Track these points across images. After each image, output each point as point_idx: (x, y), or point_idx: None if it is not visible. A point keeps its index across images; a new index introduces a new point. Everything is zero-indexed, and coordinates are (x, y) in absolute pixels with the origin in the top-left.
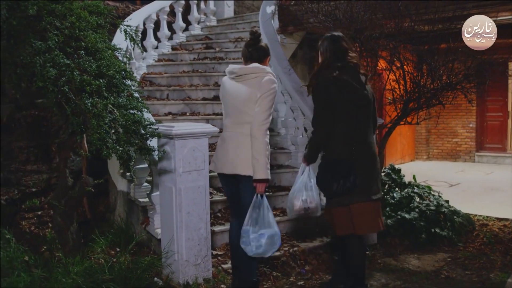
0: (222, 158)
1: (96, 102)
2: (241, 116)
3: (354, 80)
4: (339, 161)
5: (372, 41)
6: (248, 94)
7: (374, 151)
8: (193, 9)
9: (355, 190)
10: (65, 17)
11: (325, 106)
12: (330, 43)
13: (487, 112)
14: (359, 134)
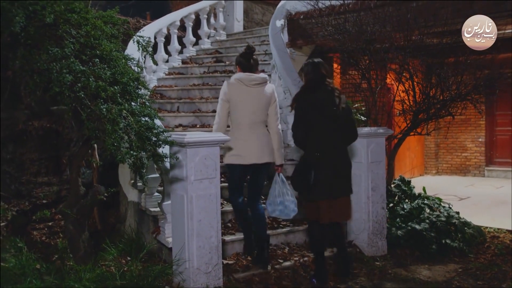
0: (250, 151)
1: (111, 107)
2: (261, 116)
3: (328, 100)
4: (305, 163)
5: (381, 53)
6: (268, 99)
7: (344, 157)
8: (203, 24)
9: (316, 188)
10: (81, 26)
11: (300, 119)
12: (312, 68)
13: (496, 127)
14: (326, 143)
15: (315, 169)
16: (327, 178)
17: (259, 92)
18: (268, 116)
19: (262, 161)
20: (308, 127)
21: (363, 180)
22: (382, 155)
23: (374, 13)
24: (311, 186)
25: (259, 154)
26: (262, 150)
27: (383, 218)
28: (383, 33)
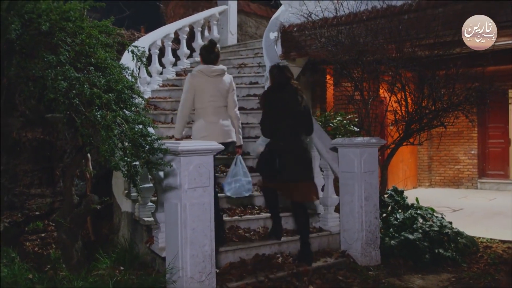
0: (216, 133)
1: (106, 114)
2: (222, 101)
3: (292, 99)
4: (270, 151)
5: (374, 65)
6: (227, 87)
7: (304, 148)
8: (197, 37)
9: (280, 173)
10: (76, 34)
11: (268, 114)
12: (278, 71)
13: (488, 139)
14: (289, 134)
15: (279, 157)
16: (289, 164)
17: (219, 81)
18: (228, 102)
19: (228, 140)
20: (274, 120)
21: (356, 189)
22: (375, 165)
23: (367, 25)
24: (276, 171)
25: (225, 134)
26: (228, 130)
27: (377, 227)
28: (375, 44)
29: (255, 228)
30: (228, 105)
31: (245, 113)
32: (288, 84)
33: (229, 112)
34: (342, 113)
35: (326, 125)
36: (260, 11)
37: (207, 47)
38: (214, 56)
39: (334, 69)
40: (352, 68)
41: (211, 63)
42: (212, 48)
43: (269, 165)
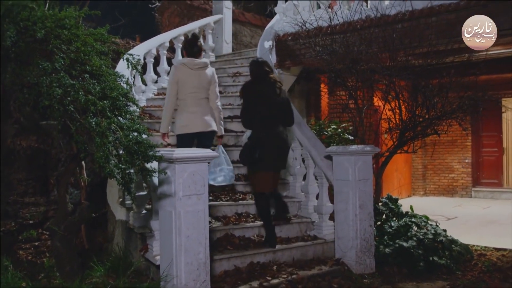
0: (196, 122)
1: (100, 121)
2: (203, 93)
3: (270, 91)
4: (252, 142)
5: (368, 73)
6: (208, 79)
7: (283, 139)
8: None
9: (261, 162)
10: (71, 42)
11: (246, 107)
12: (256, 66)
13: (482, 148)
14: (268, 126)
15: (260, 147)
16: (270, 154)
17: (201, 74)
18: (210, 94)
19: (208, 129)
20: (254, 112)
21: (350, 197)
22: (369, 172)
23: (361, 34)
24: (257, 160)
25: (205, 124)
26: (207, 120)
27: (371, 235)
28: (369, 53)
29: (250, 236)
30: (210, 97)
31: (240, 122)
32: (267, 77)
33: (211, 103)
34: (337, 122)
35: (320, 133)
36: (255, 20)
37: (190, 41)
38: (197, 49)
39: (329, 78)
40: (346, 76)
41: (193, 56)
42: (195, 42)
43: (250, 155)
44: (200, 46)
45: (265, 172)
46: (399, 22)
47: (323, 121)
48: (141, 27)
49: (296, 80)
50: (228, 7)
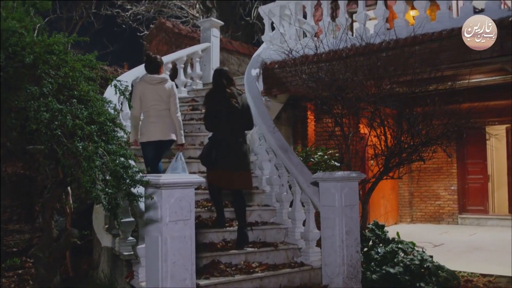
0: (156, 131)
1: (87, 145)
2: (163, 105)
3: (230, 98)
4: (210, 143)
5: (353, 101)
6: (167, 93)
7: (239, 141)
8: (180, 73)
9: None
10: (59, 67)
11: (209, 112)
12: (217, 75)
13: (468, 175)
14: (226, 129)
15: (217, 148)
16: (226, 155)
17: (159, 88)
18: (170, 107)
19: (166, 138)
20: (214, 117)
21: (337, 223)
22: (355, 199)
23: (346, 62)
24: (214, 160)
25: (164, 133)
26: (167, 130)
27: (358, 262)
28: (354, 81)
29: (236, 263)
30: (170, 109)
31: None
32: (228, 85)
33: (171, 115)
34: (323, 149)
35: (307, 160)
36: (242, 49)
37: (148, 60)
38: (153, 66)
39: (315, 105)
40: (332, 104)
41: (151, 72)
42: (152, 60)
43: (208, 156)
44: (156, 63)
45: (221, 171)
46: (384, 50)
47: (309, 148)
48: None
49: (283, 108)
50: (215, 36)
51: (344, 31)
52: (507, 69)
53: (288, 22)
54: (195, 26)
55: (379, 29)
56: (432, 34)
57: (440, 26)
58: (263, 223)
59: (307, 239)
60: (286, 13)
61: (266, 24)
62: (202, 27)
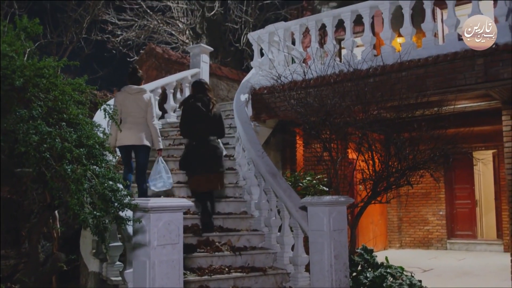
0: (130, 137)
1: (76, 168)
2: (141, 114)
3: (204, 106)
4: (186, 149)
5: (341, 126)
6: (145, 103)
7: (213, 146)
8: (169, 98)
9: (193, 166)
10: (49, 91)
11: (185, 118)
12: (195, 85)
13: (456, 200)
14: (200, 135)
15: (193, 153)
16: (200, 159)
17: (138, 98)
18: (147, 116)
19: (140, 143)
20: (189, 124)
21: (326, 248)
22: (344, 223)
23: (334, 88)
24: (190, 165)
25: (138, 139)
26: (140, 136)
27: (347, 286)
28: (342, 106)
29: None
30: (147, 117)
31: None
32: (203, 95)
33: (148, 122)
34: (312, 173)
35: (296, 185)
36: (232, 74)
37: (130, 73)
38: (136, 78)
39: (303, 130)
40: (320, 129)
41: (132, 83)
42: (133, 73)
43: (185, 160)
44: (138, 76)
45: (199, 175)
46: (371, 76)
47: (298, 173)
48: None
49: (271, 133)
50: (205, 61)
51: (332, 57)
52: (492, 95)
53: (277, 48)
54: (185, 52)
55: (367, 55)
56: (418, 61)
57: (426, 53)
58: (252, 248)
59: (296, 264)
60: (275, 40)
61: (255, 50)
62: (192, 53)
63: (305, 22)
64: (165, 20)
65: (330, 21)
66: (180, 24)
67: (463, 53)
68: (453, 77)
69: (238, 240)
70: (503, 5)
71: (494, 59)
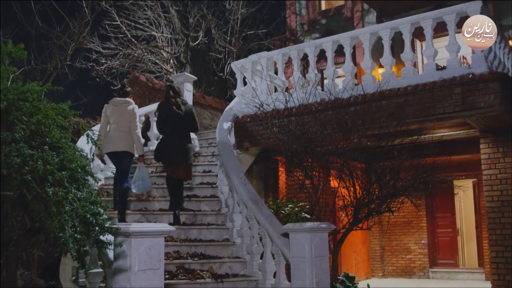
0: (115, 144)
1: (57, 190)
2: (125, 124)
3: (176, 107)
4: (160, 143)
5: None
6: (128, 114)
7: (183, 141)
8: (152, 126)
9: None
10: (32, 114)
11: (158, 118)
12: (167, 89)
13: (437, 228)
14: (172, 132)
15: (164, 147)
16: (172, 152)
17: (122, 109)
18: (130, 125)
19: (120, 149)
20: (162, 122)
21: (307, 274)
22: (325, 250)
23: (316, 116)
24: (164, 157)
25: (120, 145)
26: (121, 143)
27: None
28: (324, 134)
29: None
30: (130, 127)
31: (198, 201)
32: (175, 97)
33: (131, 132)
34: (294, 201)
35: (278, 212)
36: (215, 103)
37: (120, 86)
38: (122, 92)
39: (286, 157)
40: (302, 156)
41: (119, 96)
42: (121, 88)
43: (159, 153)
44: (125, 91)
45: (170, 165)
46: (352, 105)
47: (280, 200)
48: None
49: (254, 161)
50: (189, 90)
51: (314, 86)
52: (470, 124)
53: (260, 77)
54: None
55: (347, 84)
56: (398, 90)
57: (406, 82)
58: (234, 275)
59: None
60: (258, 69)
61: (238, 79)
62: (176, 82)
63: (288, 51)
64: (149, 49)
65: (312, 51)
66: (165, 53)
67: (441, 82)
68: (432, 106)
69: (220, 268)
70: None
71: (471, 89)
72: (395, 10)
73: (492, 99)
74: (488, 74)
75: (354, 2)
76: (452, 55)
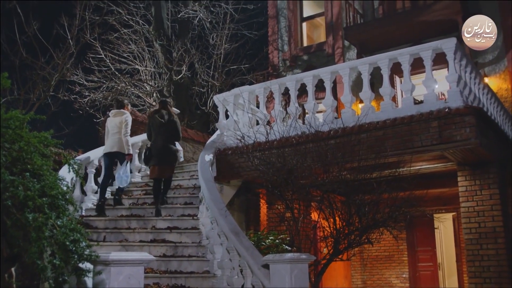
0: (107, 146)
1: (37, 216)
2: (118, 131)
3: (162, 117)
4: (149, 149)
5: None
6: (120, 122)
7: (167, 146)
8: (134, 159)
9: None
10: (14, 141)
11: (148, 127)
12: (159, 103)
13: (418, 262)
14: (159, 138)
15: (152, 151)
16: (157, 155)
17: (116, 119)
18: (121, 131)
19: (113, 150)
20: (150, 131)
21: None
22: (305, 281)
23: (296, 149)
24: (151, 159)
25: (112, 147)
26: (114, 146)
27: None
28: (304, 166)
29: None
30: (121, 132)
31: (179, 233)
32: (164, 110)
33: (122, 136)
34: (275, 233)
35: (259, 244)
36: (197, 137)
37: (115, 101)
38: (118, 104)
39: (267, 189)
40: (283, 188)
41: (116, 108)
42: (118, 101)
43: (147, 156)
44: (121, 103)
45: (155, 165)
46: (332, 138)
47: (261, 232)
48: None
49: (236, 194)
50: None
51: (295, 119)
52: (448, 157)
53: (242, 110)
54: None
55: (327, 117)
56: (377, 123)
57: (384, 116)
58: None
59: None
60: (240, 102)
61: (221, 112)
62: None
63: (269, 85)
64: (133, 82)
65: (293, 85)
66: (148, 86)
67: (418, 116)
68: (410, 139)
69: None
70: (454, 72)
71: (447, 122)
72: (375, 47)
73: (468, 132)
74: (464, 108)
75: (335, 38)
76: (429, 89)
